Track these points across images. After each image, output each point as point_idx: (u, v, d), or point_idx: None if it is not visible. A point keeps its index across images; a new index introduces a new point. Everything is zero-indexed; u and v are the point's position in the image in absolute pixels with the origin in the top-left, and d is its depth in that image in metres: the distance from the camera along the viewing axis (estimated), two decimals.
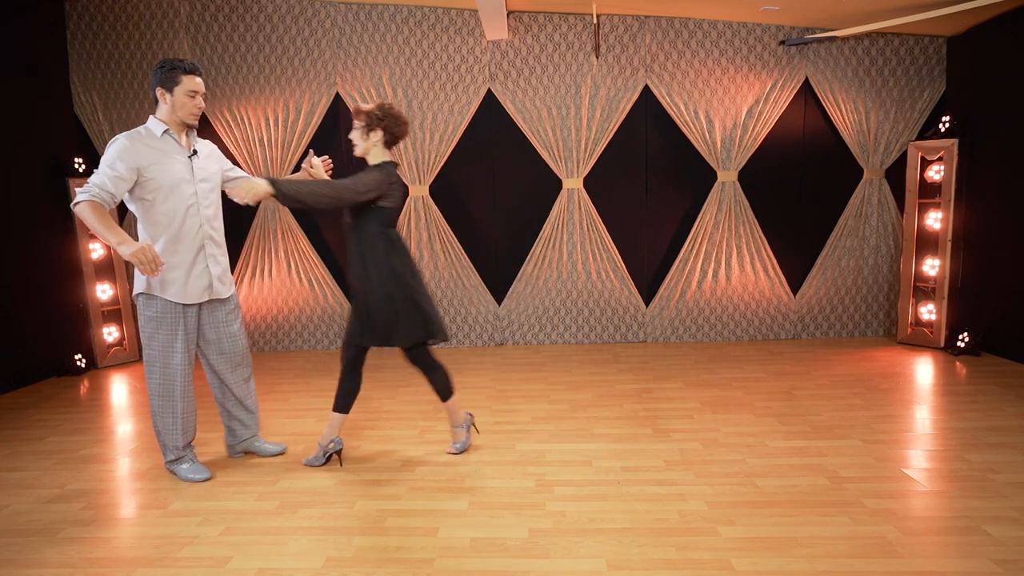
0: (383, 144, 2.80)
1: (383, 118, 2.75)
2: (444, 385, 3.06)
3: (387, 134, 2.77)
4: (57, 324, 4.91)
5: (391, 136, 2.78)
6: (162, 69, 2.65)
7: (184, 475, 2.94)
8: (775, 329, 5.39)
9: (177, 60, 2.68)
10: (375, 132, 2.77)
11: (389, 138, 2.78)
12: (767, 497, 2.59)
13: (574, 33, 5.05)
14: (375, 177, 2.70)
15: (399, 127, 2.79)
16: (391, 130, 2.77)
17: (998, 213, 4.51)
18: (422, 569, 2.18)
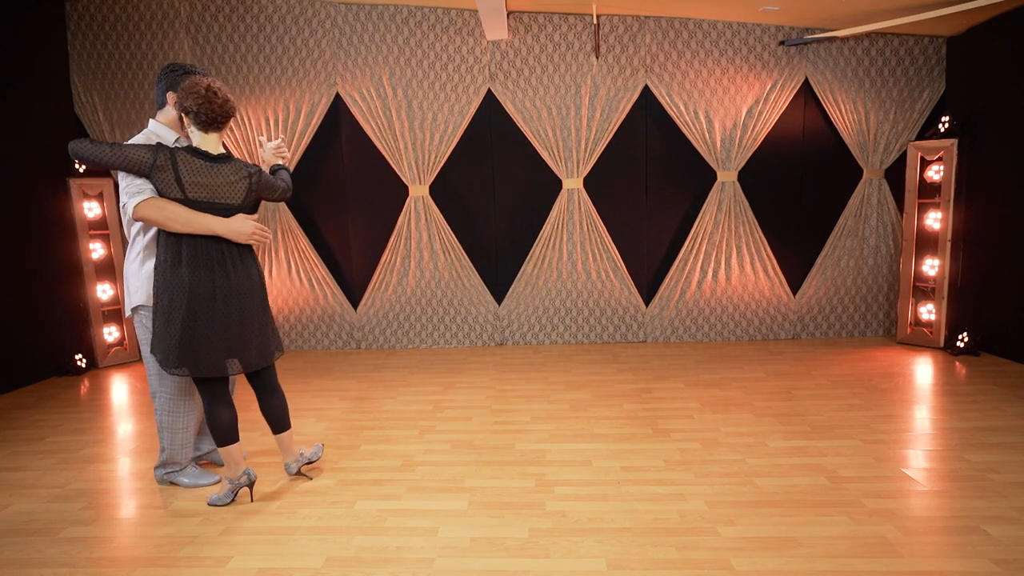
0: (197, 128, 2.42)
1: (180, 99, 2.41)
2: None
3: (190, 115, 2.39)
4: (57, 324, 4.92)
5: (195, 116, 2.38)
6: (172, 72, 2.58)
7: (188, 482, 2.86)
8: (775, 329, 5.39)
9: (187, 65, 2.64)
10: (185, 117, 2.42)
11: (196, 120, 2.39)
12: (767, 497, 2.60)
13: (574, 33, 5.05)
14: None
15: (188, 101, 2.36)
16: (188, 108, 2.37)
17: (998, 213, 4.51)
18: (422, 569, 2.18)
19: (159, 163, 2.27)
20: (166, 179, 2.29)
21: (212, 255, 2.39)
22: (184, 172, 2.31)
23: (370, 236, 5.43)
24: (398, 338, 5.55)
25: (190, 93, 2.33)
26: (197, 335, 2.38)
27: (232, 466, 2.62)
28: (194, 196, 2.33)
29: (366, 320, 5.53)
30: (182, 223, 2.31)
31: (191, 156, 2.34)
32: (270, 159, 2.83)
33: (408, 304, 5.48)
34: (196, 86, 2.33)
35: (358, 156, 5.31)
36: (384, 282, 5.45)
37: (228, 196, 2.40)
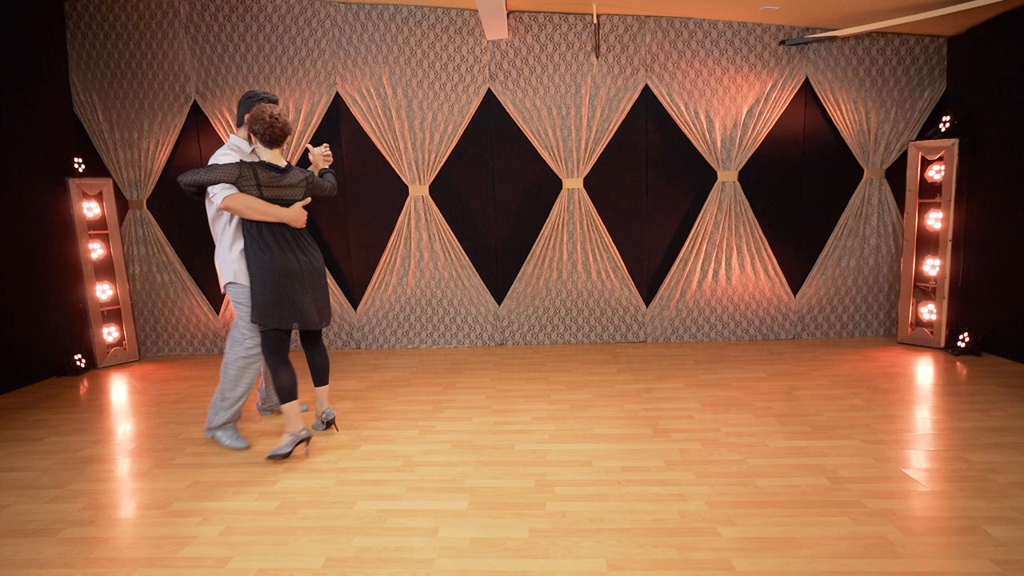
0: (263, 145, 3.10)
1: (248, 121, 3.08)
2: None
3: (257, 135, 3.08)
4: (57, 324, 4.91)
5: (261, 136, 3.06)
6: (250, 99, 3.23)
7: (228, 443, 3.35)
8: (775, 329, 5.39)
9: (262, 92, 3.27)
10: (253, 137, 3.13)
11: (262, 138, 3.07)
12: (767, 497, 2.59)
13: (574, 33, 5.05)
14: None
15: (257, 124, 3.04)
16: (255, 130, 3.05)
17: (998, 213, 4.51)
18: (422, 569, 2.18)
19: (243, 174, 2.99)
20: (249, 185, 3.01)
21: (287, 238, 3.11)
22: (262, 180, 3.03)
23: (370, 236, 5.43)
24: (398, 338, 5.54)
25: (258, 120, 3.01)
26: (281, 298, 3.07)
27: (293, 421, 3.13)
28: (268, 196, 3.05)
29: (366, 320, 5.53)
30: (257, 212, 3.01)
31: (265, 169, 3.04)
32: (320, 163, 3.46)
33: (408, 304, 5.48)
34: (263, 114, 3.01)
35: (358, 156, 5.31)
36: (384, 282, 5.44)
37: (291, 195, 3.13)
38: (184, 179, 3.01)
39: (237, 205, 2.97)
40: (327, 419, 3.46)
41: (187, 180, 3.00)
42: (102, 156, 5.31)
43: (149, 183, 5.36)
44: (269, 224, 3.07)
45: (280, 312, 3.07)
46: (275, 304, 3.06)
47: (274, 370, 3.12)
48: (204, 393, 4.40)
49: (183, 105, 5.25)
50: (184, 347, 5.61)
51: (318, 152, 3.46)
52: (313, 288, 3.19)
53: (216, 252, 3.28)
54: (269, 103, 3.12)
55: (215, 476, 3.00)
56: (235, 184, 2.98)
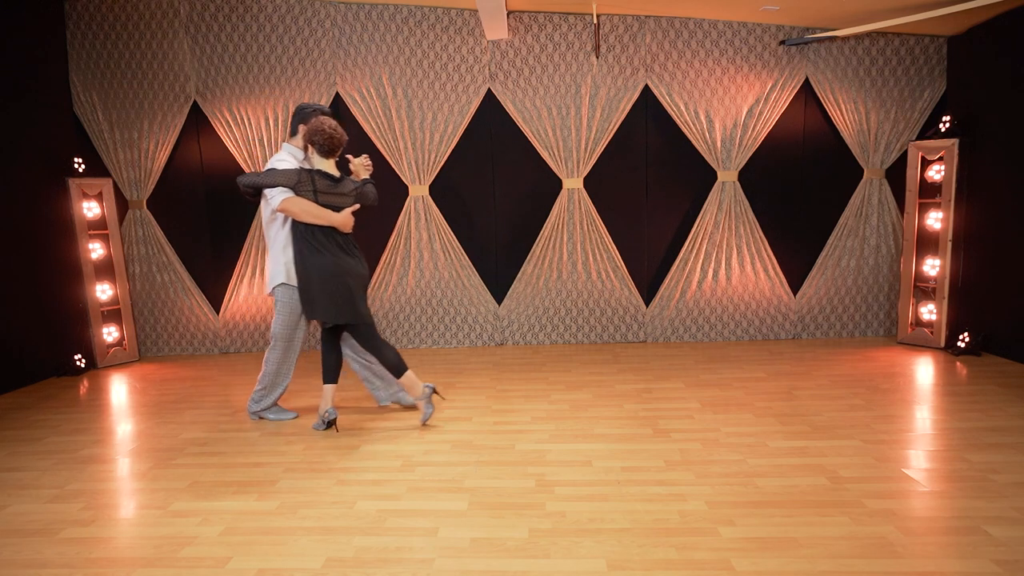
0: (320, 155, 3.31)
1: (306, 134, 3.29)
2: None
3: (315, 146, 3.28)
4: (57, 324, 4.91)
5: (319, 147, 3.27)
6: (304, 110, 3.44)
7: (274, 417, 3.73)
8: (775, 329, 5.39)
9: (316, 104, 3.49)
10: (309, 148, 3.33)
11: (319, 149, 3.28)
12: (767, 497, 2.59)
13: (574, 33, 5.05)
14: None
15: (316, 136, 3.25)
16: (314, 141, 3.26)
17: (999, 213, 4.51)
18: (422, 569, 2.18)
19: (302, 180, 3.21)
20: (306, 190, 3.22)
21: (337, 241, 3.33)
22: (318, 187, 3.25)
23: (370, 236, 5.42)
24: (398, 338, 5.54)
25: (318, 132, 3.22)
26: (341, 295, 3.29)
27: (414, 388, 3.48)
28: (321, 202, 3.26)
29: None
30: (311, 215, 3.22)
31: (322, 177, 3.26)
32: (361, 173, 3.61)
33: (408, 304, 5.48)
34: (323, 126, 3.22)
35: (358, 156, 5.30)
36: (384, 282, 5.44)
37: (342, 203, 3.35)
38: (243, 180, 3.22)
39: (293, 207, 3.19)
40: (328, 419, 3.49)
41: (246, 182, 3.21)
42: (102, 156, 5.31)
43: (149, 183, 5.36)
44: (321, 228, 3.27)
45: (339, 309, 3.29)
46: (334, 301, 3.27)
47: (323, 354, 3.48)
48: (204, 393, 4.40)
49: (183, 105, 5.25)
50: (184, 347, 5.61)
51: (359, 162, 3.60)
52: (359, 288, 3.40)
53: (268, 255, 3.52)
54: (325, 115, 3.35)
55: (215, 476, 3.00)
56: (293, 189, 3.20)
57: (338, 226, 3.30)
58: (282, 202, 3.18)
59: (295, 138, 3.50)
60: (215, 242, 5.48)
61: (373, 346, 3.46)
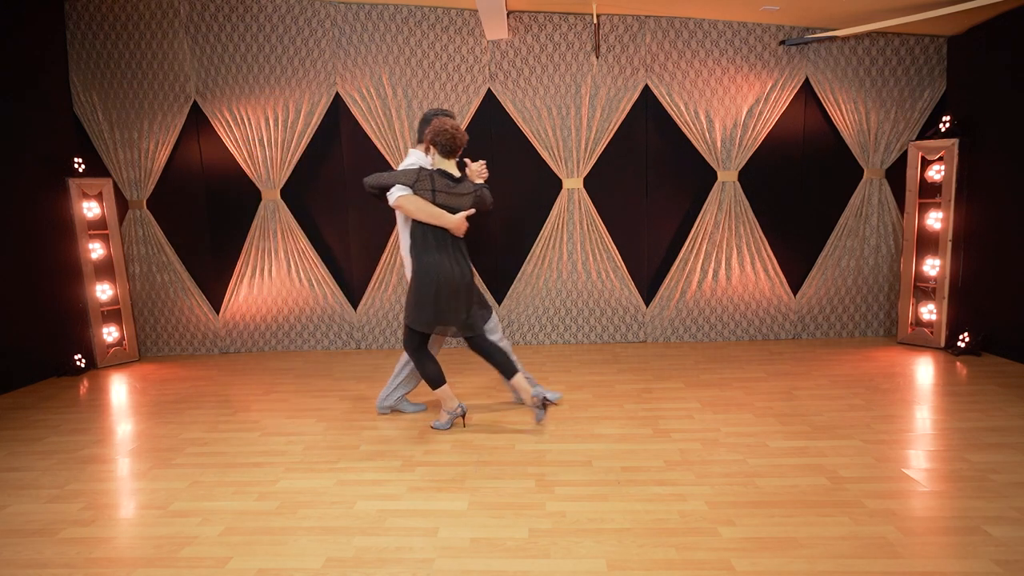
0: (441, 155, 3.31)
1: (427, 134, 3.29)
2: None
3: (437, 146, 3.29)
4: (57, 324, 4.92)
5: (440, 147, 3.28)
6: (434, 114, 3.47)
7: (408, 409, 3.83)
8: (775, 329, 5.39)
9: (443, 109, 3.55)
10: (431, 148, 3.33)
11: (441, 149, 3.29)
12: (767, 497, 2.59)
13: (574, 33, 5.05)
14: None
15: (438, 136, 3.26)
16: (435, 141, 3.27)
17: (999, 213, 4.51)
18: (422, 569, 2.18)
19: (421, 179, 3.23)
20: (424, 189, 3.24)
21: (446, 244, 3.31)
22: (437, 186, 3.25)
23: (370, 236, 5.43)
24: (398, 338, 5.54)
25: (440, 132, 3.24)
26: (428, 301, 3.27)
27: (447, 401, 3.48)
28: (439, 202, 3.26)
29: (366, 320, 5.53)
30: (424, 214, 3.23)
31: (442, 177, 3.27)
32: (476, 179, 3.56)
33: None
34: (444, 126, 3.24)
35: (358, 156, 5.31)
36: (384, 282, 5.44)
37: (460, 204, 3.33)
38: (368, 181, 3.30)
39: (408, 205, 3.23)
40: (541, 396, 3.40)
41: (371, 182, 3.29)
42: (102, 156, 5.31)
43: (149, 183, 5.36)
44: (433, 229, 3.29)
45: (422, 315, 3.29)
46: (422, 306, 3.28)
47: (417, 364, 3.44)
48: (204, 393, 4.40)
49: (183, 105, 5.25)
50: (184, 347, 5.61)
51: (475, 168, 3.58)
52: (463, 297, 3.35)
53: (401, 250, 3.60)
54: (447, 117, 3.39)
55: (215, 476, 3.00)
56: (411, 187, 3.23)
57: (450, 228, 3.29)
58: (397, 199, 3.23)
59: (421, 144, 3.55)
60: (215, 242, 5.48)
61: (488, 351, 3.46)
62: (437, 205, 3.26)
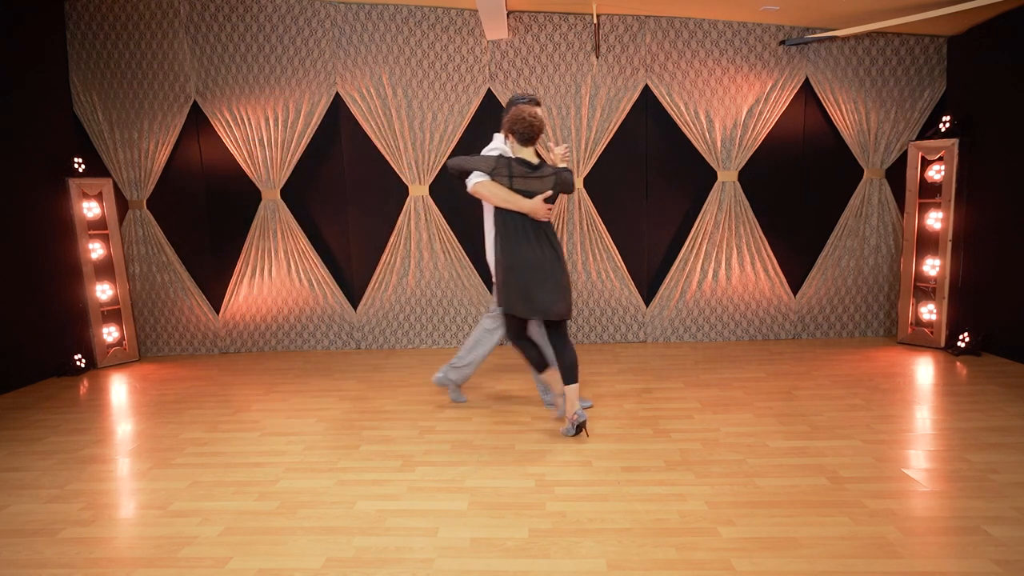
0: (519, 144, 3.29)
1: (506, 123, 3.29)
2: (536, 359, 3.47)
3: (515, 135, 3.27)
4: (57, 324, 4.91)
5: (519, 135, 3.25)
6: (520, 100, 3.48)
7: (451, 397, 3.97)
8: (775, 329, 5.39)
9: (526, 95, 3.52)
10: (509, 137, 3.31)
11: (519, 137, 3.26)
12: (767, 497, 2.59)
13: (574, 33, 5.05)
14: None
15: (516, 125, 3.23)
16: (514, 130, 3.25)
17: (999, 213, 4.51)
18: (422, 569, 2.18)
19: (499, 165, 3.24)
20: (501, 176, 3.24)
21: (527, 229, 3.28)
22: (514, 172, 3.25)
23: (370, 236, 5.43)
24: (398, 338, 5.54)
25: (518, 120, 3.22)
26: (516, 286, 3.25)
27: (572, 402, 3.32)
28: (517, 187, 3.25)
29: (366, 320, 5.53)
30: (501, 200, 3.24)
31: (519, 165, 3.27)
32: (559, 162, 3.52)
33: (408, 304, 5.48)
34: (522, 114, 3.22)
35: (358, 156, 5.31)
36: (384, 282, 5.44)
37: (540, 188, 3.28)
38: (451, 162, 3.32)
39: (484, 191, 3.25)
40: (578, 421, 3.29)
41: (454, 164, 3.31)
42: (102, 156, 5.31)
43: (149, 183, 5.36)
44: (514, 215, 3.28)
45: (514, 301, 3.27)
46: (512, 292, 3.27)
47: (519, 350, 3.44)
48: (204, 393, 4.40)
49: (183, 105, 5.26)
50: (184, 347, 5.61)
51: (559, 152, 3.57)
52: (550, 280, 3.27)
53: (487, 240, 3.62)
54: (528, 103, 3.44)
55: (215, 476, 3.00)
56: (489, 174, 3.25)
57: (528, 212, 3.27)
58: (474, 184, 3.26)
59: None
60: (215, 242, 5.48)
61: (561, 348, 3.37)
62: (514, 191, 3.25)
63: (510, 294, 3.28)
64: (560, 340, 3.38)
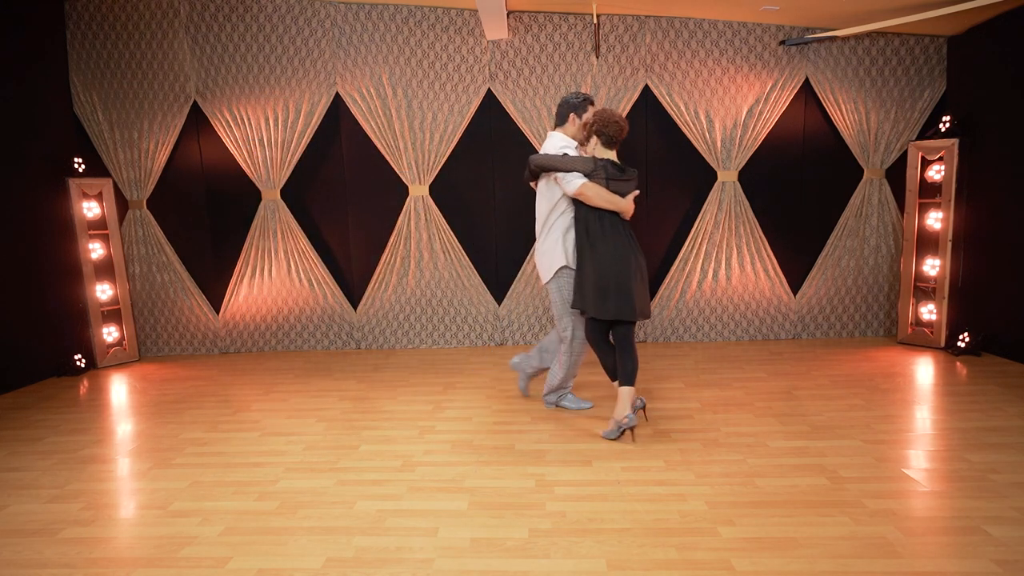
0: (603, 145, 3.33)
1: (594, 124, 3.31)
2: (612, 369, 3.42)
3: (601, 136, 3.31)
4: (57, 324, 4.91)
5: (605, 137, 3.30)
6: (577, 98, 3.47)
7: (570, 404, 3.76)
8: (775, 329, 5.39)
9: (586, 94, 3.50)
10: (592, 138, 3.35)
11: (605, 139, 3.30)
12: (767, 497, 2.59)
13: (574, 33, 5.05)
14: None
15: (608, 127, 3.27)
16: (603, 132, 3.29)
17: (998, 213, 4.51)
18: (422, 569, 2.18)
19: (597, 167, 3.24)
20: (600, 178, 3.24)
21: (619, 229, 3.30)
22: (610, 176, 3.27)
23: (370, 236, 5.43)
24: (398, 338, 5.54)
25: (611, 123, 3.27)
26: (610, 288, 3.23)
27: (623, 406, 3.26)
28: (612, 190, 3.28)
29: (366, 320, 5.53)
30: (605, 201, 3.25)
31: (612, 167, 3.29)
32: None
33: (408, 304, 5.48)
34: (613, 116, 3.28)
35: (358, 156, 5.31)
36: (384, 282, 5.44)
37: (628, 189, 3.34)
38: (538, 161, 3.30)
39: (590, 192, 3.24)
40: (628, 425, 3.25)
41: (542, 163, 3.30)
42: (102, 156, 5.31)
43: (149, 183, 5.36)
44: (607, 214, 3.30)
45: (605, 302, 3.24)
46: (603, 293, 3.23)
47: (600, 354, 3.38)
48: (204, 393, 4.40)
49: (183, 105, 5.26)
50: (184, 347, 5.61)
51: None
52: (637, 279, 3.28)
53: (543, 242, 3.54)
54: (586, 103, 3.45)
55: (215, 476, 3.00)
56: (588, 175, 3.24)
57: (623, 211, 3.31)
58: (580, 187, 3.23)
59: (565, 127, 3.52)
60: (215, 242, 5.48)
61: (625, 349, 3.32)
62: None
63: (605, 297, 3.23)
64: (628, 341, 3.35)
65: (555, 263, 3.49)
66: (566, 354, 3.58)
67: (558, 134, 3.52)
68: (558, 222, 3.49)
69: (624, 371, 3.28)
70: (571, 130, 3.52)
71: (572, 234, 3.45)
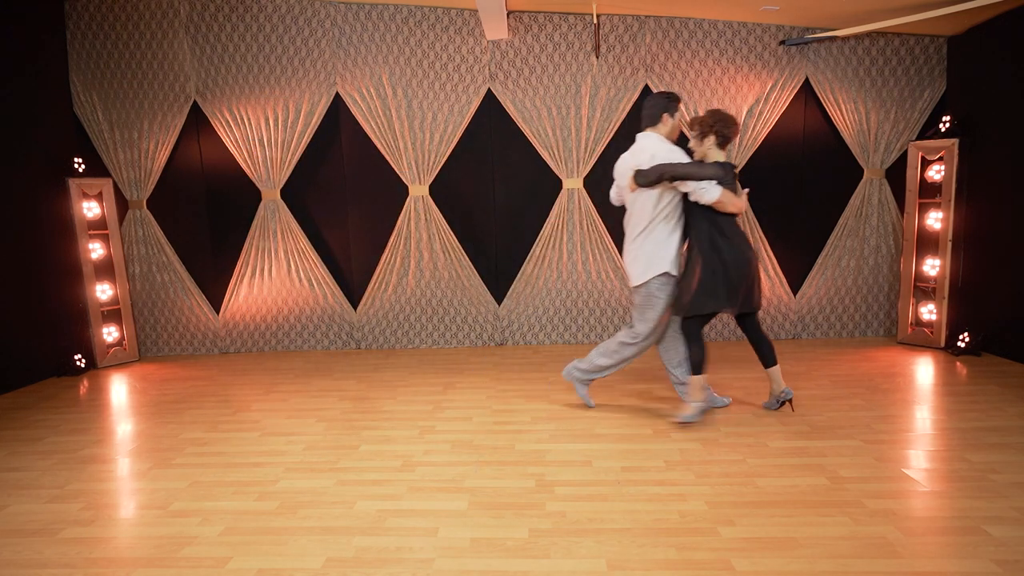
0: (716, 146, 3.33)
1: (713, 124, 3.31)
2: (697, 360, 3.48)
3: (719, 136, 3.31)
4: (57, 324, 4.91)
5: (723, 138, 3.31)
6: (667, 98, 3.42)
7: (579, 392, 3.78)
8: (775, 329, 5.39)
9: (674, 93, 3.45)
10: (708, 137, 3.34)
11: (721, 140, 3.31)
12: (767, 497, 2.59)
13: (574, 33, 5.05)
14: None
15: (728, 128, 3.29)
16: (722, 132, 3.30)
17: (998, 213, 4.51)
18: (422, 569, 2.18)
19: (727, 172, 3.21)
20: (728, 182, 3.23)
21: (735, 227, 3.34)
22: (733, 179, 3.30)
23: (370, 236, 5.43)
24: (398, 338, 5.54)
25: (730, 123, 3.30)
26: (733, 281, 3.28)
27: (695, 392, 3.44)
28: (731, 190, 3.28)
29: (366, 320, 5.53)
30: (735, 206, 3.27)
31: (731, 168, 3.30)
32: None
33: (408, 304, 5.48)
34: (732, 117, 3.31)
35: (358, 156, 5.31)
36: (384, 282, 5.44)
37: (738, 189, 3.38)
38: (673, 171, 3.20)
39: (725, 199, 3.23)
40: (784, 398, 3.54)
41: (677, 172, 3.20)
42: (102, 156, 5.32)
43: (149, 183, 5.36)
44: (728, 216, 3.31)
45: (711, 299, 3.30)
46: (712, 291, 3.28)
47: (693, 347, 3.44)
48: (204, 393, 4.40)
49: (183, 105, 5.26)
50: (184, 347, 5.61)
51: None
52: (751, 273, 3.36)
53: (642, 245, 3.44)
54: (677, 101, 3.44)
55: (215, 476, 3.00)
56: (721, 182, 3.22)
57: (741, 211, 3.37)
58: (720, 195, 3.22)
59: (658, 127, 3.44)
60: (215, 242, 5.48)
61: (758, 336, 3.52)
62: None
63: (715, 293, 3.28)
64: (758, 328, 3.53)
65: (654, 268, 3.41)
66: (629, 350, 3.58)
67: (654, 135, 3.43)
68: (660, 226, 3.41)
69: (769, 353, 3.50)
70: (664, 130, 3.45)
71: (674, 239, 3.41)
